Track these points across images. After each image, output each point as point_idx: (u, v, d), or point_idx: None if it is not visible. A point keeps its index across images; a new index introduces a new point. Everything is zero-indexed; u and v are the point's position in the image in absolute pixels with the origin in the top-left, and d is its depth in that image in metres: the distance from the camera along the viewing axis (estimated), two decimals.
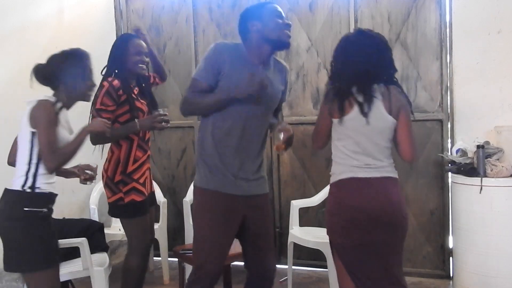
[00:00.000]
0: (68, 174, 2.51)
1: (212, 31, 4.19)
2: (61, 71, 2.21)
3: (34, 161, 2.16)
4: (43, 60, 2.26)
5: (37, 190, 2.17)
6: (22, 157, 2.17)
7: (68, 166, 2.38)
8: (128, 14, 4.41)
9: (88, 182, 2.51)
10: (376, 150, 2.10)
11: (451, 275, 3.56)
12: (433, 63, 3.60)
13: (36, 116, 2.12)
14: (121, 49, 2.70)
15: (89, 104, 2.51)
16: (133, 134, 2.66)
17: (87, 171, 2.49)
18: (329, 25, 3.85)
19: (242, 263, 2.46)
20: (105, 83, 2.61)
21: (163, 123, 2.61)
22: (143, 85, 2.83)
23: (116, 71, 2.68)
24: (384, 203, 2.05)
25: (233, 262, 3.21)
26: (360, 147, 2.09)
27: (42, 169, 2.17)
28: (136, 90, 2.75)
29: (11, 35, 3.33)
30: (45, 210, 2.19)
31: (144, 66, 2.74)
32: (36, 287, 2.17)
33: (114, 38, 4.36)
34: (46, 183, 2.20)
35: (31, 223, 2.13)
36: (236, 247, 3.09)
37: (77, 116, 2.49)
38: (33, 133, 2.14)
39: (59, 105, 2.21)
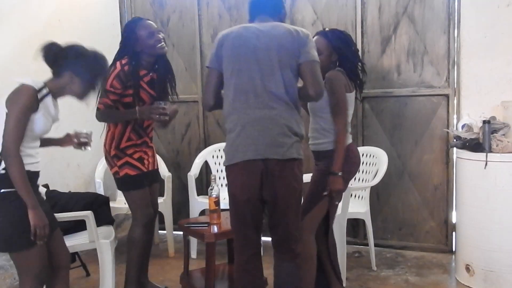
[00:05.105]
0: (62, 142, 2.42)
1: (216, 4, 4.12)
2: (77, 62, 2.10)
3: None
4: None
5: None
6: None
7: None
8: None
9: (83, 148, 2.41)
10: None
11: (453, 249, 3.58)
12: (440, 37, 3.55)
13: (12, 99, 2.01)
14: (133, 34, 2.67)
15: None
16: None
17: (82, 138, 2.40)
18: None
19: None
20: (118, 65, 2.64)
21: (160, 116, 2.66)
22: (162, 71, 2.80)
23: (130, 55, 2.67)
24: None
25: None
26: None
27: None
28: (148, 78, 2.75)
29: (13, 9, 3.29)
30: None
31: (163, 44, 2.72)
32: (25, 266, 2.10)
33: (117, 9, 4.36)
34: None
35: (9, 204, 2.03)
36: None
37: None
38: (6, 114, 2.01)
39: (44, 91, 2.07)
